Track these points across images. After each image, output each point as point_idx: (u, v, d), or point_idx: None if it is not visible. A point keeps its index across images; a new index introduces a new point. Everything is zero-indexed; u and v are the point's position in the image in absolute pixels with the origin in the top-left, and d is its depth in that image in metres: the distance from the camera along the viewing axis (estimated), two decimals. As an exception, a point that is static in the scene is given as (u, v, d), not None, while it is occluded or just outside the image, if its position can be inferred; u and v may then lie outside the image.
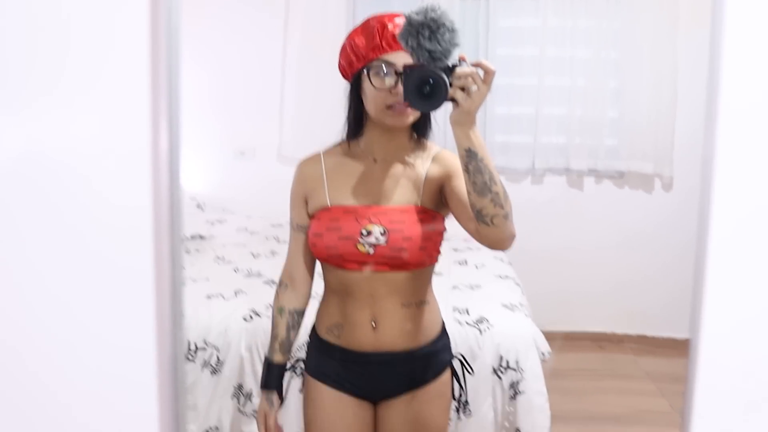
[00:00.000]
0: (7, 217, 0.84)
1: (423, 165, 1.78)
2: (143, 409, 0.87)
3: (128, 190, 0.83)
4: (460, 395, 1.98)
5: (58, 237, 0.84)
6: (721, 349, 0.85)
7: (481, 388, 2.67)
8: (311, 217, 1.79)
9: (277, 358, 1.87)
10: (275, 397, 1.87)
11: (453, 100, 1.48)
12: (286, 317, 1.87)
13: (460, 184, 1.67)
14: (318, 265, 1.87)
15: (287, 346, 1.88)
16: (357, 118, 1.78)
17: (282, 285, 1.89)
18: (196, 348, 2.70)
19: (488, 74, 1.46)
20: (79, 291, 0.85)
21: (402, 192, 1.76)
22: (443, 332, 1.89)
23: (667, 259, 4.31)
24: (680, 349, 3.99)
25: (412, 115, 1.72)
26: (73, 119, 0.82)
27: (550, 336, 3.00)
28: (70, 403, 0.87)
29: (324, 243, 1.73)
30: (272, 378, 1.87)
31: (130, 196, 0.83)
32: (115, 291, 0.85)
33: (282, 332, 1.87)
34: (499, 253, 3.78)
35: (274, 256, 3.64)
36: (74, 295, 0.85)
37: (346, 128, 1.81)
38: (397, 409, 1.84)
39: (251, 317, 2.77)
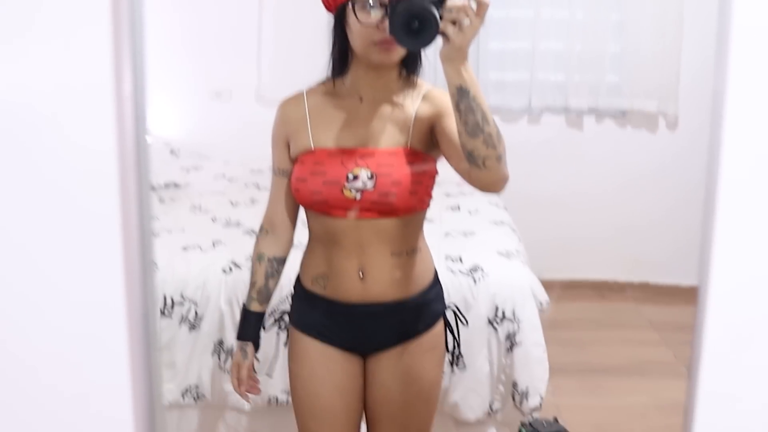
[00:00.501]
0: None
1: (412, 104, 1.77)
2: (114, 369, 0.86)
3: (91, 133, 0.82)
4: (454, 348, 2.00)
5: (17, 182, 0.83)
6: (732, 297, 0.85)
7: (475, 340, 2.69)
8: (294, 160, 1.80)
9: (254, 306, 1.89)
10: (250, 348, 1.90)
11: (443, 34, 1.47)
12: (265, 264, 1.88)
13: (452, 123, 1.67)
14: (302, 213, 1.88)
15: (265, 295, 1.90)
16: (342, 55, 1.76)
17: (262, 231, 1.90)
18: (173, 303, 2.70)
19: (481, 6, 1.46)
20: (40, 240, 0.84)
21: (390, 133, 1.76)
22: (435, 281, 1.91)
23: (671, 202, 4.34)
24: (685, 296, 4.04)
25: (401, 52, 1.70)
26: (33, 61, 0.81)
27: (548, 284, 3.02)
28: (35, 365, 0.87)
29: (308, 188, 1.73)
30: (248, 327, 1.90)
31: (94, 139, 0.82)
32: (80, 240, 0.84)
33: (260, 280, 1.89)
34: (494, 198, 3.78)
35: (254, 205, 3.63)
36: (36, 244, 0.84)
37: (330, 66, 1.80)
38: (387, 363, 1.86)
39: (231, 269, 2.77)
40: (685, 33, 4.47)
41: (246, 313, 1.90)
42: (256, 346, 1.91)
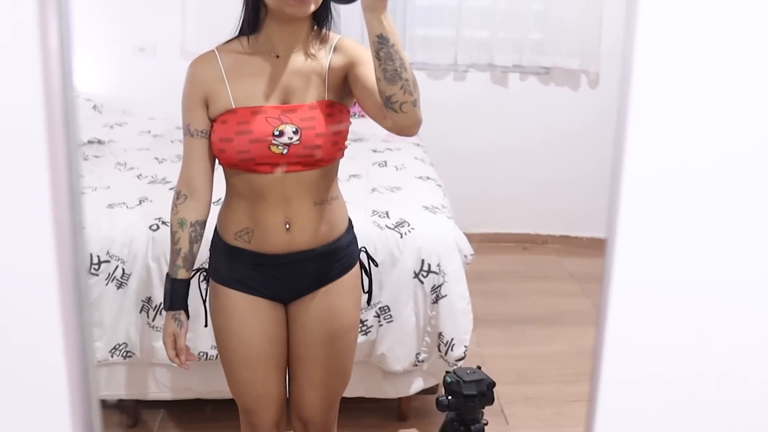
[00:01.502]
0: None
1: (326, 57, 1.80)
2: (46, 327, 0.86)
3: (18, 89, 0.81)
4: (369, 288, 2.07)
5: None
6: (637, 250, 0.88)
7: (402, 293, 2.73)
8: (213, 120, 1.79)
9: (182, 274, 1.88)
10: (183, 316, 1.89)
11: None
12: (188, 230, 1.87)
13: (365, 71, 1.73)
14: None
15: (191, 261, 1.89)
16: (254, 10, 1.77)
17: (180, 196, 1.87)
18: (99, 261, 2.68)
19: None
20: None
21: (308, 87, 1.78)
22: (350, 226, 1.97)
23: (592, 158, 4.40)
24: (604, 249, 4.10)
25: (313, 5, 1.71)
26: None
27: (472, 238, 3.06)
28: None
29: (234, 148, 1.74)
30: (178, 296, 1.89)
31: (21, 95, 0.81)
32: (7, 198, 0.83)
33: (185, 246, 1.87)
34: (420, 154, 3.80)
35: (181, 161, 3.58)
36: None
37: (241, 21, 1.80)
38: (309, 306, 1.91)
39: (158, 227, 2.75)
40: None
41: (174, 282, 1.88)
42: (187, 314, 1.91)
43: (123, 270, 2.69)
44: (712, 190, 0.86)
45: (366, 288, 2.04)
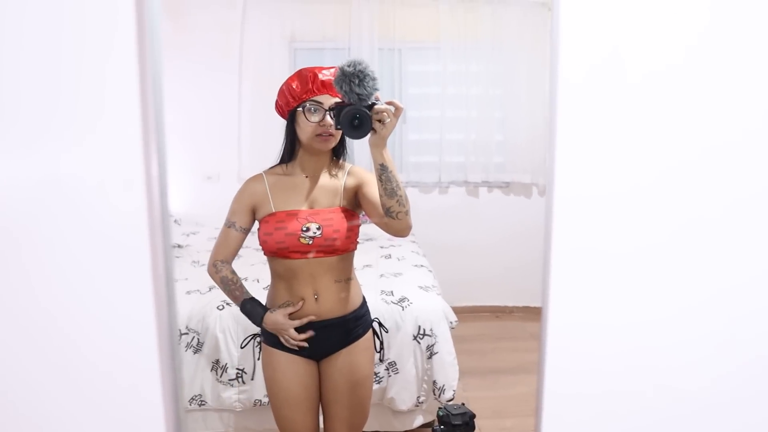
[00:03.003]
0: (32, 228, 0.83)
1: (342, 178, 1.86)
2: (148, 381, 0.87)
3: (128, 205, 0.83)
4: (380, 348, 2.05)
5: (74, 245, 0.84)
6: (564, 316, 0.91)
7: (404, 351, 2.73)
8: (260, 221, 1.82)
9: (249, 295, 1.87)
10: (267, 312, 1.85)
11: (372, 129, 1.58)
12: (236, 276, 1.87)
13: (370, 190, 1.79)
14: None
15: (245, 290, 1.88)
16: (291, 145, 1.84)
17: (219, 264, 1.85)
18: (180, 333, 2.70)
19: (398, 110, 1.58)
20: (91, 290, 0.85)
21: (328, 198, 1.83)
22: (364, 302, 1.96)
23: (542, 248, 4.39)
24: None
25: (335, 142, 1.80)
26: (86, 153, 0.83)
27: (456, 309, 3.05)
28: (88, 382, 0.87)
29: (274, 239, 1.77)
30: (258, 303, 1.86)
31: (130, 210, 0.84)
32: (119, 286, 0.85)
33: (240, 281, 1.87)
34: (415, 248, 3.81)
35: (239, 258, 3.58)
36: (88, 294, 0.85)
37: (282, 153, 1.87)
38: (335, 362, 1.90)
39: (223, 307, 2.77)
40: (548, 125, 4.53)
41: (251, 301, 1.85)
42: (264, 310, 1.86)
43: (198, 339, 2.71)
44: (619, 267, 0.89)
45: (378, 348, 2.02)
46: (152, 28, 0.83)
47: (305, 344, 1.84)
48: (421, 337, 2.74)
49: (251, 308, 1.85)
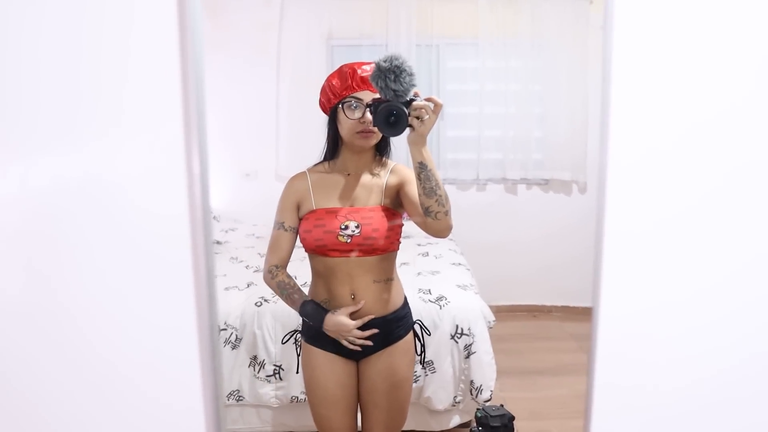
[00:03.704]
0: (76, 225, 0.84)
1: (384, 176, 1.83)
2: (189, 375, 0.87)
3: (170, 202, 0.84)
4: (422, 351, 2.01)
5: (117, 241, 0.84)
6: (615, 316, 0.89)
7: (442, 350, 2.71)
8: (301, 219, 1.81)
9: (308, 297, 1.84)
10: (328, 314, 1.80)
11: (410, 126, 1.55)
12: (293, 280, 1.83)
13: (411, 189, 1.75)
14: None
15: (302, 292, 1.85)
16: (334, 143, 1.83)
17: (275, 269, 1.83)
18: (219, 329, 2.71)
19: (437, 106, 1.54)
20: (133, 290, 0.85)
21: (369, 196, 1.80)
22: (405, 303, 1.93)
23: (583, 246, 4.35)
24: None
25: (376, 139, 1.78)
26: (130, 151, 0.83)
27: (494, 308, 3.04)
28: (131, 376, 0.88)
29: (312, 237, 1.76)
30: (320, 309, 1.81)
31: (172, 207, 0.84)
32: (162, 283, 0.85)
33: (295, 284, 1.83)
34: (452, 245, 3.80)
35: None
36: (131, 294, 0.85)
37: (325, 150, 1.86)
38: (373, 363, 1.87)
39: (261, 303, 2.79)
40: (590, 121, 4.48)
41: (311, 302, 1.81)
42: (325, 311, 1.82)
43: (236, 335, 2.73)
44: (673, 267, 0.87)
45: (419, 351, 1.98)
46: (194, 27, 0.83)
47: (370, 342, 1.81)
48: (458, 336, 2.73)
49: (312, 310, 1.80)
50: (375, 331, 1.81)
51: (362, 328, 1.81)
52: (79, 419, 0.89)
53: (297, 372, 2.04)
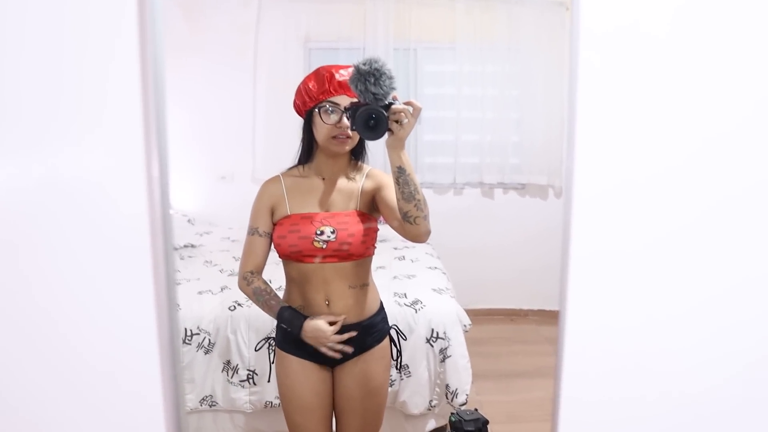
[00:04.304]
0: (35, 227, 0.83)
1: (360, 180, 1.81)
2: (148, 383, 0.86)
3: (128, 207, 0.83)
4: (398, 357, 1.99)
5: (74, 247, 0.83)
6: (582, 320, 0.89)
7: (417, 354, 2.70)
8: (275, 224, 1.79)
9: (285, 303, 1.80)
10: (306, 320, 1.77)
11: (389, 130, 1.53)
12: (269, 286, 1.81)
13: (387, 194, 1.73)
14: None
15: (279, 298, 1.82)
16: (308, 146, 1.80)
17: (250, 276, 1.81)
18: (192, 333, 2.68)
19: (416, 110, 1.53)
20: (92, 292, 0.84)
21: (344, 201, 1.78)
22: (381, 308, 1.91)
23: (559, 250, 4.36)
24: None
25: (351, 144, 1.75)
26: (83, 153, 0.82)
27: (470, 312, 3.03)
28: (89, 382, 0.87)
29: (287, 242, 1.74)
30: (298, 315, 1.77)
31: (131, 211, 0.83)
32: (120, 288, 0.84)
33: (272, 290, 1.80)
34: (429, 249, 3.79)
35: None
36: (88, 294, 0.84)
37: (300, 154, 1.83)
38: (349, 370, 1.85)
39: (234, 307, 2.76)
40: (566, 127, 4.49)
41: (289, 308, 1.77)
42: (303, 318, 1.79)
43: (209, 340, 2.69)
44: (638, 271, 0.87)
45: (395, 357, 1.97)
46: (154, 29, 0.83)
47: (349, 348, 1.78)
48: (434, 340, 2.71)
49: (291, 317, 1.77)
50: (353, 333, 1.79)
51: (340, 332, 1.79)
52: (34, 425, 0.88)
53: (269, 381, 2.02)
